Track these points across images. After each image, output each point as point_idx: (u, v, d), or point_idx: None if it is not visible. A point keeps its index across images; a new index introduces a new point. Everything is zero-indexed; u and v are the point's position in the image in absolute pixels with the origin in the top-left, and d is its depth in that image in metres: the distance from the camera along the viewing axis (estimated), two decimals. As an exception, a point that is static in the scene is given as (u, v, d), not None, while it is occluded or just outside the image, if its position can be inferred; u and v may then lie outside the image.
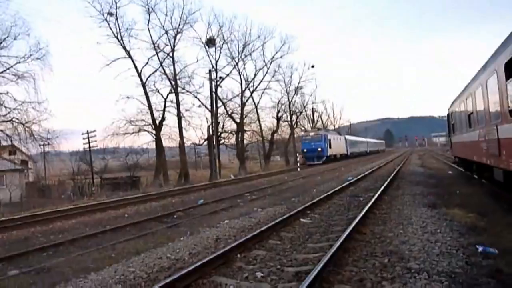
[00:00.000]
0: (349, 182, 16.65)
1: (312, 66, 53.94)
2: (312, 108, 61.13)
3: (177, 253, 6.46)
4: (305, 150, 44.62)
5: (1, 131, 21.30)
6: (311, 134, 46.09)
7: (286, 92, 53.32)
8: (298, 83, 54.23)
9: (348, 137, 60.34)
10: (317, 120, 63.14)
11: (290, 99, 53.99)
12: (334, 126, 72.84)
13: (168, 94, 36.28)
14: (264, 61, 46.94)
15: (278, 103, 51.42)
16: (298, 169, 36.89)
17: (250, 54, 45.13)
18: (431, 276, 4.67)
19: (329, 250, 5.55)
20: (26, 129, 21.46)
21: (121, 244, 8.08)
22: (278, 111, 51.36)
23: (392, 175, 18.31)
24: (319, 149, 43.67)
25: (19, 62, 21.47)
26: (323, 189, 15.16)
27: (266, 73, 47.32)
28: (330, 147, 45.49)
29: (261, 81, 47.10)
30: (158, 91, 36.29)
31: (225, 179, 28.18)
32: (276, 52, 47.07)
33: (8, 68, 21.02)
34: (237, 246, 6.27)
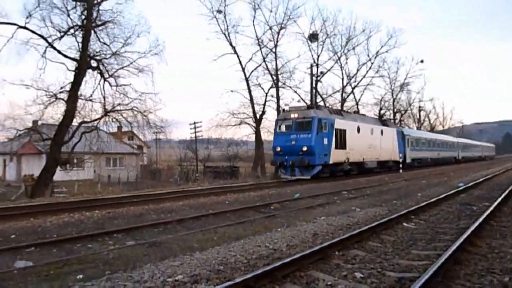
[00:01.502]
0: (460, 188, 15.17)
1: (421, 61, 50.17)
2: (419, 107, 56.95)
3: (275, 243, 6.58)
4: (277, 148, 21.59)
5: (124, 118, 23.86)
6: (293, 115, 21.67)
7: (391, 88, 50.50)
8: (405, 79, 50.87)
9: (408, 131, 37.34)
10: (423, 120, 58.52)
11: (394, 96, 51.10)
12: (443, 126, 66.57)
13: (269, 89, 37.00)
14: (368, 55, 44.80)
15: (381, 100, 48.94)
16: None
17: (354, 48, 43.61)
18: None
19: (438, 259, 5.12)
20: (144, 117, 23.75)
21: (222, 228, 8.50)
22: (381, 109, 49.04)
23: (513, 185, 16.18)
24: (304, 148, 20.47)
25: (140, 57, 23.75)
26: (428, 194, 14.08)
27: (370, 68, 45.18)
28: (339, 144, 22.54)
29: (364, 76, 45.14)
30: (260, 86, 37.15)
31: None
32: (382, 46, 44.64)
33: (131, 63, 23.41)
34: (335, 243, 6.15)
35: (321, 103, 40.56)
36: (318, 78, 38.53)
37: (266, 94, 37.05)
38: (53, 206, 11.40)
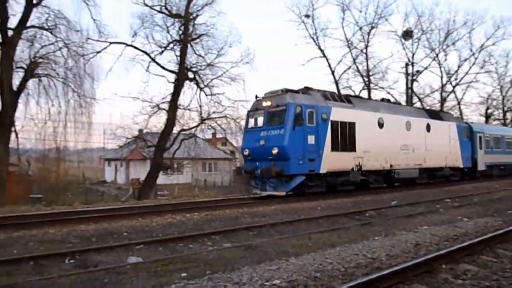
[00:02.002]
0: None
1: (536, 52, 43.29)
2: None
3: (373, 252, 6.28)
4: (245, 152, 15.44)
5: (218, 125, 25.11)
6: (265, 104, 15.07)
7: (499, 85, 45.24)
8: (515, 73, 44.62)
9: (479, 126, 27.13)
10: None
11: (504, 93, 45.70)
12: None
13: (360, 91, 35.83)
14: (471, 50, 40.85)
15: (487, 98, 44.18)
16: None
17: (454, 43, 40.23)
18: None
19: None
20: (236, 124, 24.72)
21: (316, 234, 8.39)
22: (488, 108, 44.29)
23: None
24: (274, 150, 13.95)
25: (233, 67, 24.81)
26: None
27: (473, 63, 41.15)
28: (341, 144, 15.55)
29: (466, 73, 41.30)
30: (351, 88, 36.16)
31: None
32: (488, 39, 40.34)
33: (224, 72, 24.60)
34: (442, 255, 5.66)
35: (418, 104, 38.01)
36: (414, 78, 36.14)
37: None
38: (158, 207, 12.38)
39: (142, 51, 23.67)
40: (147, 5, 23.50)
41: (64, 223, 9.28)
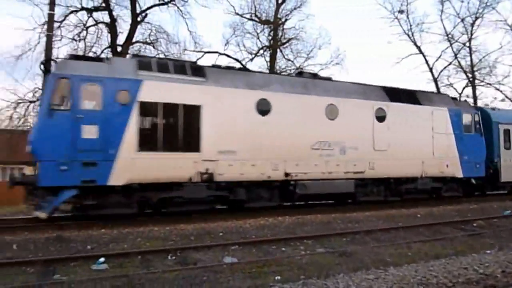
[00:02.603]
0: None
1: None
2: None
3: (486, 267, 5.64)
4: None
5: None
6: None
7: None
8: None
9: (502, 114, 17.15)
10: None
11: None
12: None
13: (463, 88, 32.71)
14: None
15: None
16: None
17: None
18: None
19: None
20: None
21: (416, 244, 7.84)
22: None
23: None
24: (28, 147, 9.51)
25: (322, 69, 24.51)
26: None
27: None
28: (148, 142, 10.02)
29: None
30: (452, 86, 33.25)
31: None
32: None
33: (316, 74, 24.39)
34: None
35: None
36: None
37: (460, 94, 32.76)
38: (251, 210, 12.60)
39: (234, 58, 24.61)
40: (238, 14, 24.45)
41: (166, 222, 9.99)
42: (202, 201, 10.75)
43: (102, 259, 6.42)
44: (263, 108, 11.36)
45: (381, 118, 13.28)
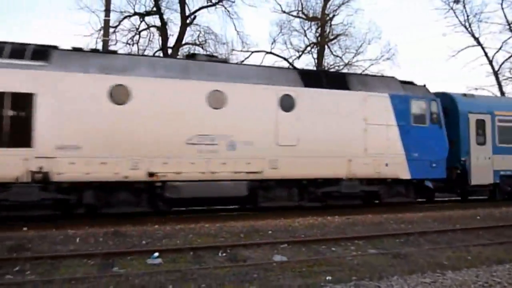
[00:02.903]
0: None
1: None
2: None
3: (559, 275, 5.21)
4: None
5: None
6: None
7: None
8: None
9: (474, 101, 14.22)
10: None
11: None
12: None
13: (526, 81, 30.33)
14: None
15: None
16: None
17: None
18: None
19: None
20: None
21: (476, 247, 7.41)
22: None
23: None
24: None
25: (372, 64, 23.86)
26: None
27: None
28: None
29: None
30: (512, 79, 30.87)
31: None
32: None
33: (363, 71, 23.76)
34: None
35: None
36: None
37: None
38: (299, 208, 12.47)
39: (281, 57, 24.59)
40: (284, 12, 24.38)
41: (217, 219, 10.19)
42: (36, 205, 9.03)
43: (156, 254, 6.68)
44: (119, 96, 9.69)
45: (287, 106, 11.05)
